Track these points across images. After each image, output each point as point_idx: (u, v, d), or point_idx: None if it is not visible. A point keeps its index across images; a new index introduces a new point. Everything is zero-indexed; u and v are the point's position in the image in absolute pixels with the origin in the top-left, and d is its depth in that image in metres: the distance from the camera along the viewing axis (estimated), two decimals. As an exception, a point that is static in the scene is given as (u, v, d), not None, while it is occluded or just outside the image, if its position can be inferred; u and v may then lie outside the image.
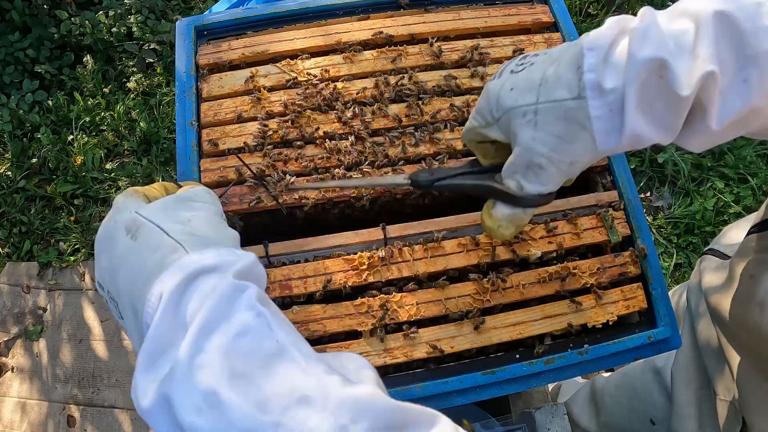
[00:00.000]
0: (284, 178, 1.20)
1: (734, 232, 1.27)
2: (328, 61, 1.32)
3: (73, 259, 2.83)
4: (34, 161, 3.04)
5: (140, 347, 0.60)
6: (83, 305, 2.74)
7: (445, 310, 1.11)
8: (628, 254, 1.17)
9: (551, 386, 2.19)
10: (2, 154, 3.14)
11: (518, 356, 1.11)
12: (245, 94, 1.29)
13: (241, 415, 0.52)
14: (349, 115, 1.26)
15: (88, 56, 3.25)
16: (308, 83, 1.29)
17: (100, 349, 2.64)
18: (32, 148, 3.11)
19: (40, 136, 3.05)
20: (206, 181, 1.21)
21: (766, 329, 0.92)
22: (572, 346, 1.12)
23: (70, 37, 3.23)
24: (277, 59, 1.33)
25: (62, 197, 2.97)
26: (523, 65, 0.77)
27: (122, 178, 2.98)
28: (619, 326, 1.16)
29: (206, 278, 0.62)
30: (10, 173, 3.06)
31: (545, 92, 0.72)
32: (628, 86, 0.66)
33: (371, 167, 1.21)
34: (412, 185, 0.94)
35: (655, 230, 2.77)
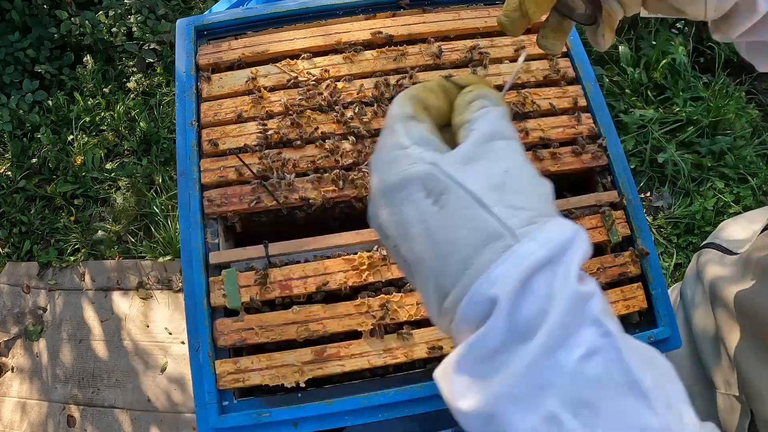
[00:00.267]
0: (284, 178, 1.20)
1: (734, 228, 1.27)
2: (328, 61, 1.32)
3: (73, 259, 2.83)
4: (34, 161, 3.04)
5: (437, 315, 0.57)
6: (83, 305, 2.73)
7: (445, 310, 1.11)
8: (628, 254, 1.17)
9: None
10: (2, 154, 3.15)
11: (518, 356, 1.11)
12: (245, 94, 1.29)
13: None
14: (349, 115, 1.26)
15: (88, 56, 3.25)
16: (308, 83, 1.30)
17: (100, 349, 2.64)
18: (32, 148, 3.11)
19: (40, 136, 3.05)
20: (206, 181, 1.21)
21: None
22: (572, 346, 1.12)
23: (70, 37, 3.23)
24: (277, 59, 1.33)
25: (62, 197, 2.97)
26: None
27: (122, 178, 2.98)
28: (619, 326, 1.16)
29: (541, 276, 0.54)
30: (10, 173, 3.06)
31: None
32: None
33: (365, 167, 1.21)
34: None
35: (655, 230, 2.77)
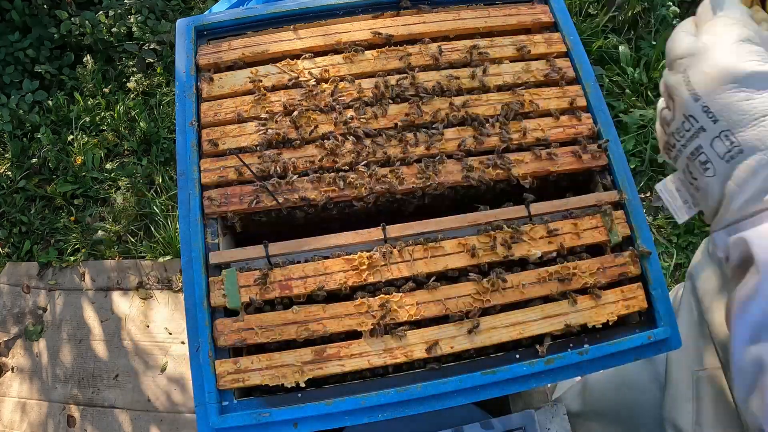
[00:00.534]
0: (284, 178, 1.20)
1: None
2: (328, 61, 1.32)
3: (73, 259, 2.83)
4: (34, 161, 3.04)
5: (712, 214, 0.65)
6: (83, 305, 2.73)
7: (445, 310, 1.11)
8: (628, 254, 1.17)
9: (548, 385, 2.19)
10: (2, 154, 3.15)
11: (518, 356, 1.11)
12: (245, 94, 1.29)
13: None
14: (349, 115, 1.26)
15: (88, 56, 3.25)
16: (308, 83, 1.30)
17: (100, 349, 2.64)
18: (32, 148, 3.11)
19: (40, 136, 3.05)
20: (206, 181, 1.21)
21: None
22: (572, 346, 1.12)
23: (70, 37, 3.23)
24: (277, 59, 1.33)
25: (62, 197, 2.97)
26: None
27: (122, 178, 2.98)
28: (619, 326, 1.16)
29: None
30: (10, 173, 3.06)
31: None
32: None
33: (367, 168, 1.21)
34: None
35: (655, 230, 2.77)
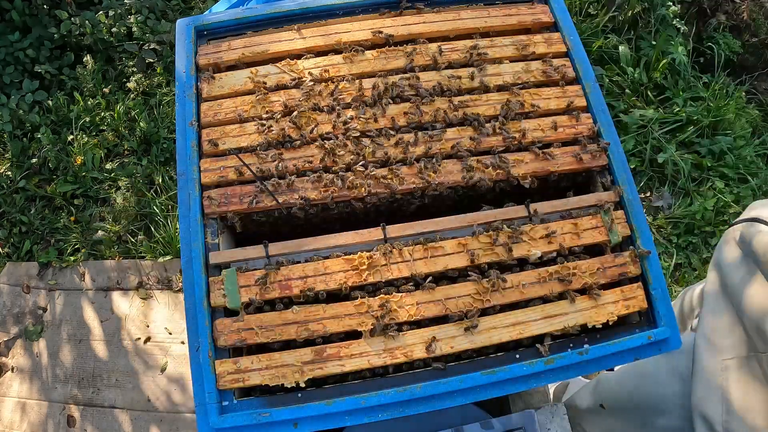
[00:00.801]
0: (284, 178, 1.20)
1: None
2: (328, 61, 1.32)
3: (73, 259, 2.83)
4: (34, 161, 3.04)
5: None
6: (83, 305, 2.73)
7: (445, 310, 1.11)
8: (628, 254, 1.17)
9: (553, 385, 2.18)
10: (2, 154, 3.15)
11: (518, 356, 1.11)
12: (245, 94, 1.29)
13: None
14: (348, 115, 1.26)
15: (88, 56, 3.24)
16: (308, 83, 1.30)
17: (100, 349, 2.64)
18: (32, 148, 3.10)
19: (40, 136, 3.05)
20: (206, 181, 1.21)
21: None
22: (572, 346, 1.12)
23: (70, 37, 3.23)
24: (277, 59, 1.33)
25: (62, 197, 2.97)
26: None
27: (122, 178, 2.98)
28: (619, 326, 1.16)
29: None
30: (10, 173, 3.06)
31: None
32: None
33: (366, 168, 1.21)
34: None
35: (655, 230, 2.77)
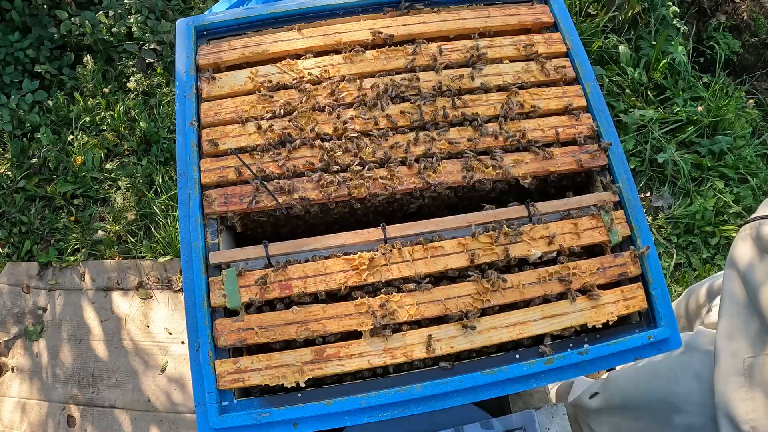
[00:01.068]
0: (284, 177, 1.20)
1: None
2: (328, 61, 1.32)
3: (73, 259, 2.83)
4: (34, 161, 3.04)
5: None
6: (83, 305, 2.73)
7: (445, 310, 1.11)
8: (628, 254, 1.17)
9: (554, 385, 2.18)
10: (2, 154, 3.15)
11: (518, 356, 1.11)
12: (245, 94, 1.29)
13: None
14: (348, 115, 1.26)
15: (88, 56, 3.24)
16: (308, 83, 1.30)
17: (100, 349, 2.64)
18: (32, 148, 3.11)
19: (40, 136, 3.05)
20: (206, 181, 1.21)
21: None
22: (572, 346, 1.12)
23: (70, 37, 3.23)
24: (277, 59, 1.33)
25: (62, 197, 2.97)
26: None
27: (122, 178, 2.98)
28: (619, 326, 1.16)
29: None
30: (10, 173, 3.06)
31: None
32: None
33: (366, 168, 1.21)
34: None
35: (655, 230, 2.77)
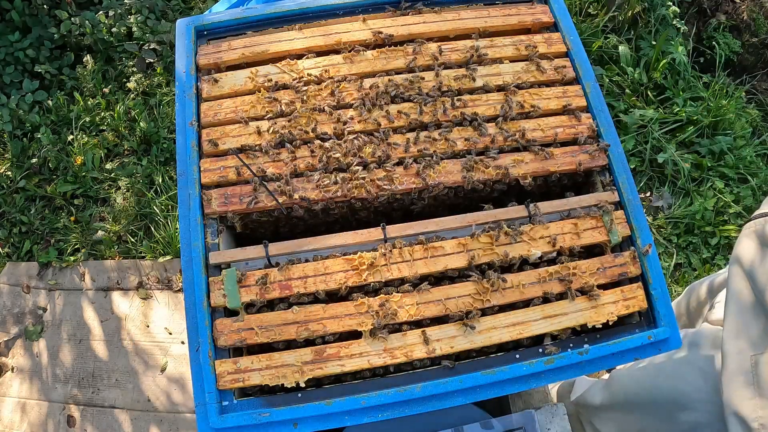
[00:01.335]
0: (284, 177, 1.20)
1: None
2: (328, 61, 1.32)
3: (73, 259, 2.83)
4: (34, 161, 3.04)
5: None
6: (83, 305, 2.73)
7: (445, 310, 1.11)
8: (628, 254, 1.17)
9: (555, 385, 2.18)
10: (2, 154, 3.15)
11: (518, 356, 1.11)
12: (245, 94, 1.29)
13: None
14: (348, 115, 1.26)
15: (88, 56, 3.24)
16: (308, 83, 1.30)
17: (100, 349, 2.64)
18: (32, 148, 3.11)
19: (40, 136, 3.05)
20: (206, 181, 1.21)
21: None
22: (572, 346, 1.12)
23: (70, 37, 3.23)
24: (277, 59, 1.33)
25: (62, 197, 2.97)
26: None
27: (122, 178, 2.98)
28: (619, 326, 1.16)
29: None
30: (10, 173, 3.06)
31: None
32: None
33: (366, 168, 1.21)
34: None
35: (655, 230, 2.77)
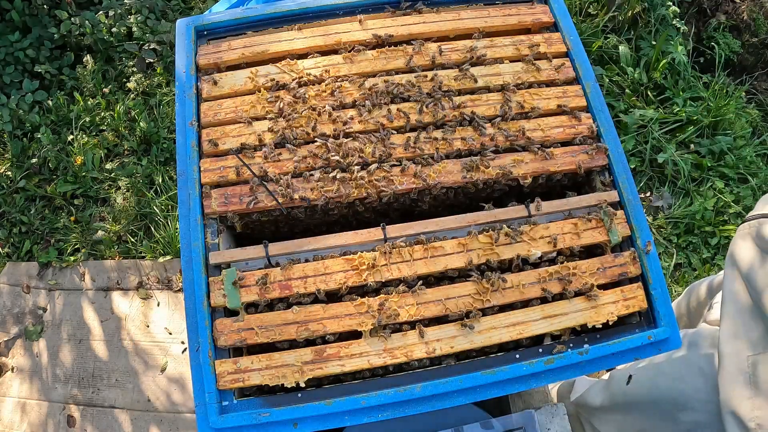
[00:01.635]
0: (284, 178, 1.20)
1: None
2: (328, 61, 1.32)
3: (73, 259, 2.83)
4: (34, 161, 3.04)
5: None
6: (83, 305, 2.73)
7: (445, 310, 1.11)
8: (628, 254, 1.17)
9: (555, 385, 2.18)
10: (2, 154, 3.15)
11: (518, 356, 1.11)
12: (245, 94, 1.29)
13: None
14: (348, 115, 1.26)
15: (88, 56, 3.25)
16: (308, 83, 1.30)
17: (100, 349, 2.64)
18: (32, 148, 3.10)
19: (40, 136, 3.05)
20: (206, 181, 1.21)
21: None
22: (572, 346, 1.12)
23: (70, 37, 3.23)
24: (277, 59, 1.33)
25: (62, 197, 2.97)
26: None
27: (122, 178, 2.98)
28: (619, 326, 1.16)
29: None
30: (10, 173, 3.06)
31: None
32: None
33: (366, 168, 1.21)
34: None
35: (655, 230, 2.77)
